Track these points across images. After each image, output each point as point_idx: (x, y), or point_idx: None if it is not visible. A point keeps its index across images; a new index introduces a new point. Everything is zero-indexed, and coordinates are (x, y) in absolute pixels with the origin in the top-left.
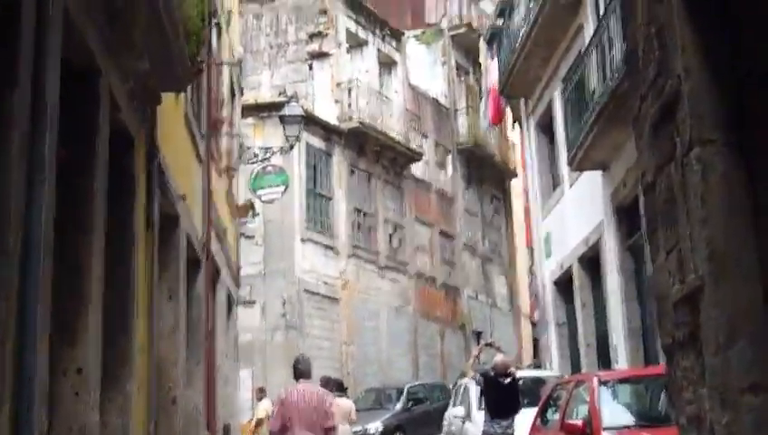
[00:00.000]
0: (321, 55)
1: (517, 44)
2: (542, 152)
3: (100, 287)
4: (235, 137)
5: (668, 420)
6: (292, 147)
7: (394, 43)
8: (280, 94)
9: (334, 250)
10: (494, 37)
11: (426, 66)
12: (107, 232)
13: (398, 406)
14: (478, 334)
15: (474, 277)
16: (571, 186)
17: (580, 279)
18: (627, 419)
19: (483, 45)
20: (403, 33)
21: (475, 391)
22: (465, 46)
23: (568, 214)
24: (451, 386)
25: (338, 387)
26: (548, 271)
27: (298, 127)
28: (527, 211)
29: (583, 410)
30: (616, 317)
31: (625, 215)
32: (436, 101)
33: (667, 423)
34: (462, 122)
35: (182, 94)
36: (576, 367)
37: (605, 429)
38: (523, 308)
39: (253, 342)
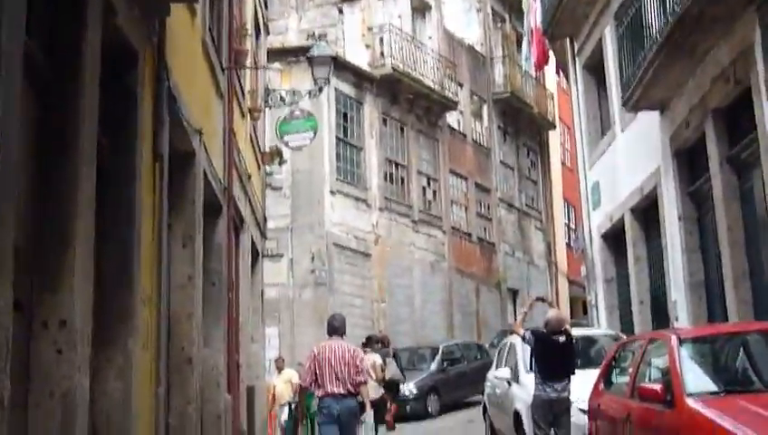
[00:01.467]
0: None
1: None
2: (590, 96)
3: (88, 222)
4: (260, 76)
5: (761, 384)
6: (321, 90)
7: None
8: (308, 38)
9: (366, 203)
10: None
11: (461, 12)
12: (103, 161)
13: (433, 366)
14: (515, 293)
15: (510, 233)
16: (623, 130)
17: (633, 231)
18: (713, 384)
19: None
20: None
21: (522, 350)
22: None
23: (619, 161)
24: (488, 345)
25: (366, 343)
26: (595, 223)
27: (328, 69)
28: (565, 166)
29: (658, 373)
30: (675, 271)
31: (687, 158)
32: (472, 48)
33: (761, 388)
34: (498, 71)
35: (199, 17)
36: (627, 326)
37: (689, 395)
38: (561, 265)
39: (279, 298)
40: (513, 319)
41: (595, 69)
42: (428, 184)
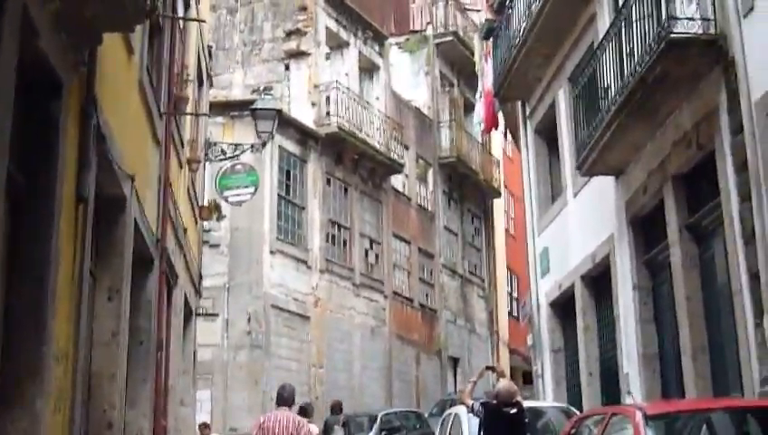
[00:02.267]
0: (298, 55)
1: (517, 41)
2: (541, 160)
3: None
4: (200, 126)
5: None
6: (264, 144)
7: (377, 47)
8: (253, 92)
9: (306, 264)
10: (491, 33)
11: (409, 74)
12: (17, 198)
13: None
14: (455, 361)
15: (452, 300)
16: (575, 195)
17: (583, 299)
18: None
19: (477, 44)
20: (387, 37)
21: (468, 422)
22: (451, 56)
23: (570, 227)
24: (427, 414)
25: (301, 412)
26: (543, 291)
27: (272, 123)
28: (509, 234)
29: None
30: (628, 342)
31: (642, 225)
32: (419, 111)
33: None
34: (445, 135)
35: (136, 55)
36: (575, 398)
37: None
38: (503, 334)
39: (213, 359)
40: (454, 388)
41: (547, 133)
42: (371, 247)
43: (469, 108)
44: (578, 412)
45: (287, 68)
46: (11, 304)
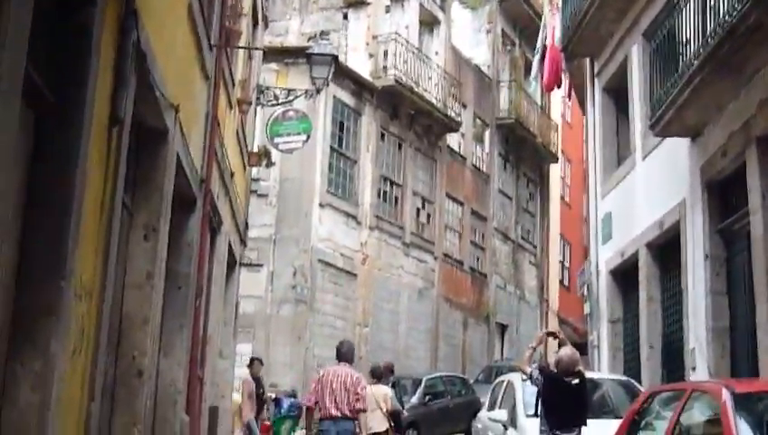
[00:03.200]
0: (358, 4)
1: None
2: (608, 120)
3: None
4: (253, 67)
5: None
6: (319, 91)
7: (439, 1)
8: (309, 40)
9: (356, 219)
10: None
11: (469, 31)
12: (41, 108)
13: (414, 399)
14: (503, 328)
15: (503, 265)
16: (644, 158)
17: (647, 268)
18: None
19: None
20: None
21: (522, 391)
22: (514, 15)
23: (637, 192)
24: (473, 381)
25: (374, 374)
26: (604, 258)
27: (328, 69)
28: (564, 201)
29: (702, 433)
30: (696, 315)
31: (719, 191)
32: (479, 69)
33: None
34: (504, 96)
35: None
36: (632, 372)
37: None
38: (553, 304)
39: (255, 312)
40: (501, 355)
41: (616, 92)
42: (423, 206)
43: (530, 69)
44: (640, 386)
45: (345, 17)
46: (28, 231)
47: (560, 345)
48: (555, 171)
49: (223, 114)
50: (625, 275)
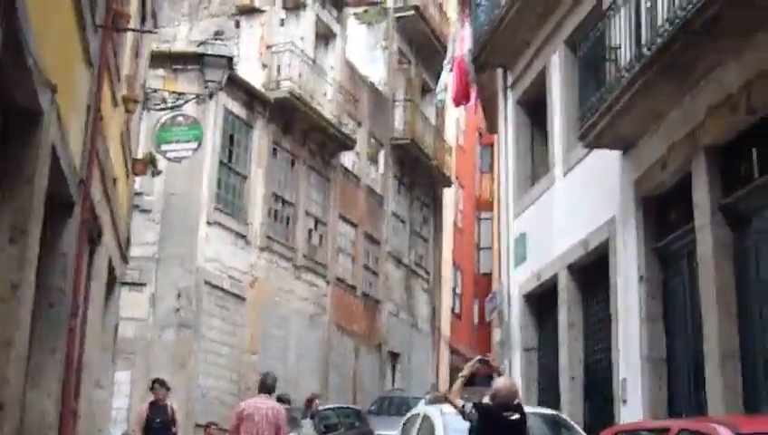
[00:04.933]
0: (251, 11)
1: None
2: (522, 135)
3: None
4: (140, 65)
5: None
6: (212, 95)
7: (335, 13)
8: (199, 45)
9: (245, 239)
10: None
11: (365, 48)
12: None
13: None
14: (395, 357)
15: (397, 291)
16: (565, 174)
17: (568, 292)
18: None
19: (455, 3)
20: (346, 4)
21: (443, 427)
22: (411, 33)
23: (557, 210)
24: (367, 412)
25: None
26: (517, 282)
27: (222, 72)
28: (456, 227)
29: None
30: (628, 343)
31: (656, 207)
32: (374, 87)
33: None
34: (399, 116)
35: None
36: (549, 404)
37: None
38: (444, 332)
39: (135, 337)
40: (392, 385)
41: (532, 104)
42: (315, 227)
43: (426, 89)
44: (571, 422)
45: (237, 25)
46: None
47: (494, 375)
48: (449, 196)
49: (107, 110)
50: (541, 300)
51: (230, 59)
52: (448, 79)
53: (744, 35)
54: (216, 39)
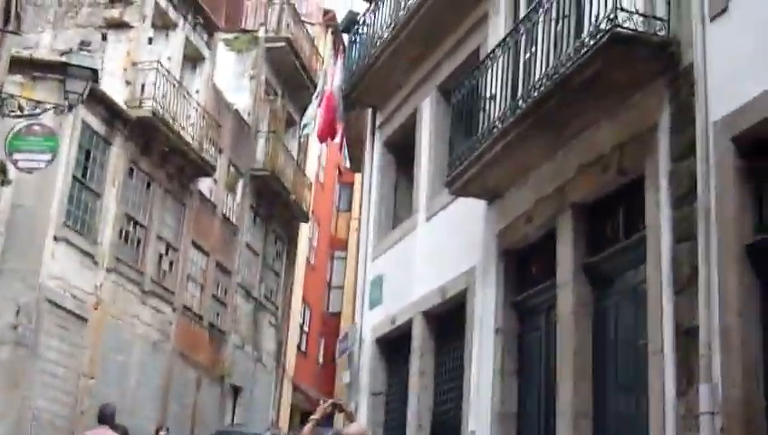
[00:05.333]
0: (120, 25)
1: (385, 36)
2: (387, 177)
3: None
4: None
5: None
6: (72, 106)
7: (205, 37)
8: (62, 55)
9: (93, 259)
10: (352, 26)
11: (232, 76)
12: None
13: None
14: (236, 391)
15: (244, 324)
16: (428, 219)
17: (422, 339)
18: None
19: (329, 39)
20: (218, 28)
21: None
22: (280, 64)
23: (416, 255)
24: None
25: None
26: (370, 324)
27: (86, 83)
28: (309, 264)
29: None
30: (479, 395)
31: (517, 260)
32: (239, 115)
33: None
34: (261, 147)
35: None
36: None
37: None
38: (289, 369)
39: None
40: (232, 420)
41: (399, 147)
42: (167, 252)
43: (291, 123)
44: None
45: (104, 38)
46: None
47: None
48: (304, 232)
49: None
50: (394, 345)
51: (95, 71)
52: (316, 112)
53: (620, 96)
54: (81, 48)
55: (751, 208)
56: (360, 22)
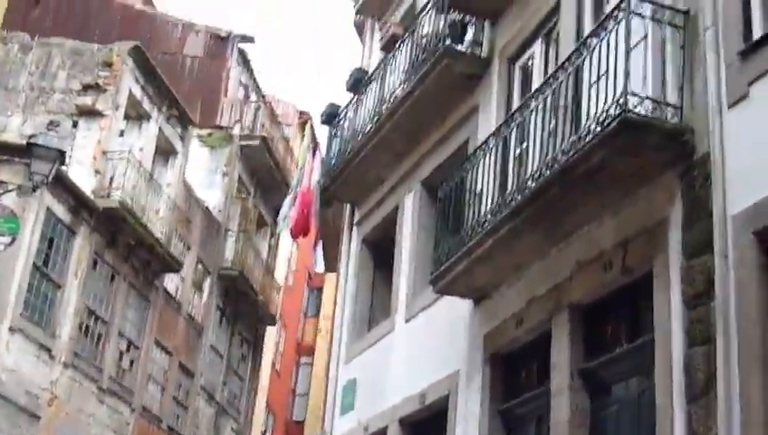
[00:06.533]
0: (92, 113)
1: (368, 128)
2: (365, 274)
3: None
4: None
5: None
6: (35, 188)
7: (179, 130)
8: (30, 137)
9: (50, 353)
10: (332, 118)
11: (205, 172)
12: None
13: None
14: None
15: (204, 428)
16: (408, 320)
17: None
18: None
19: (307, 132)
20: (192, 122)
21: None
22: (253, 163)
23: (394, 358)
24: None
25: None
26: (342, 432)
27: (52, 165)
28: (274, 369)
29: None
30: None
31: (506, 365)
32: (209, 212)
33: None
34: (231, 246)
35: None
36: None
37: None
38: None
39: None
40: None
41: (379, 244)
42: (128, 350)
43: (262, 223)
44: None
45: (75, 125)
46: None
47: None
48: (271, 335)
49: None
50: None
51: (62, 152)
52: (291, 208)
53: (625, 188)
54: (49, 128)
55: None
56: (342, 114)
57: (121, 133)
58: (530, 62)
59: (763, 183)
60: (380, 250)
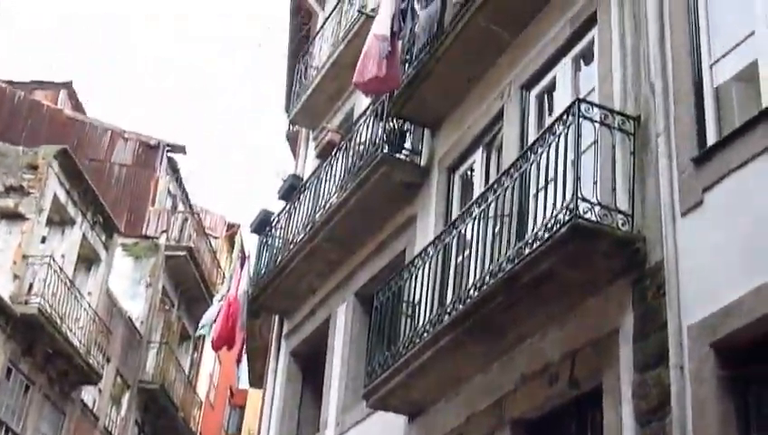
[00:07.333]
0: (14, 216)
1: (301, 237)
2: (292, 389)
3: None
4: None
5: None
6: None
7: (104, 237)
8: None
9: None
10: (264, 227)
11: (128, 281)
12: None
13: None
14: None
15: None
16: None
17: None
18: None
19: (237, 242)
20: (118, 230)
21: None
22: (179, 275)
23: None
24: None
25: None
26: None
27: None
28: None
29: None
30: None
31: None
32: (131, 323)
33: None
34: (152, 359)
35: None
36: None
37: None
38: None
39: None
40: None
41: (308, 357)
42: None
43: (185, 336)
44: None
45: None
46: None
47: None
48: None
49: None
50: None
51: None
52: (216, 316)
53: (572, 298)
54: None
55: (735, 424)
56: (274, 222)
57: (43, 239)
58: (470, 172)
59: (720, 293)
60: (310, 363)
